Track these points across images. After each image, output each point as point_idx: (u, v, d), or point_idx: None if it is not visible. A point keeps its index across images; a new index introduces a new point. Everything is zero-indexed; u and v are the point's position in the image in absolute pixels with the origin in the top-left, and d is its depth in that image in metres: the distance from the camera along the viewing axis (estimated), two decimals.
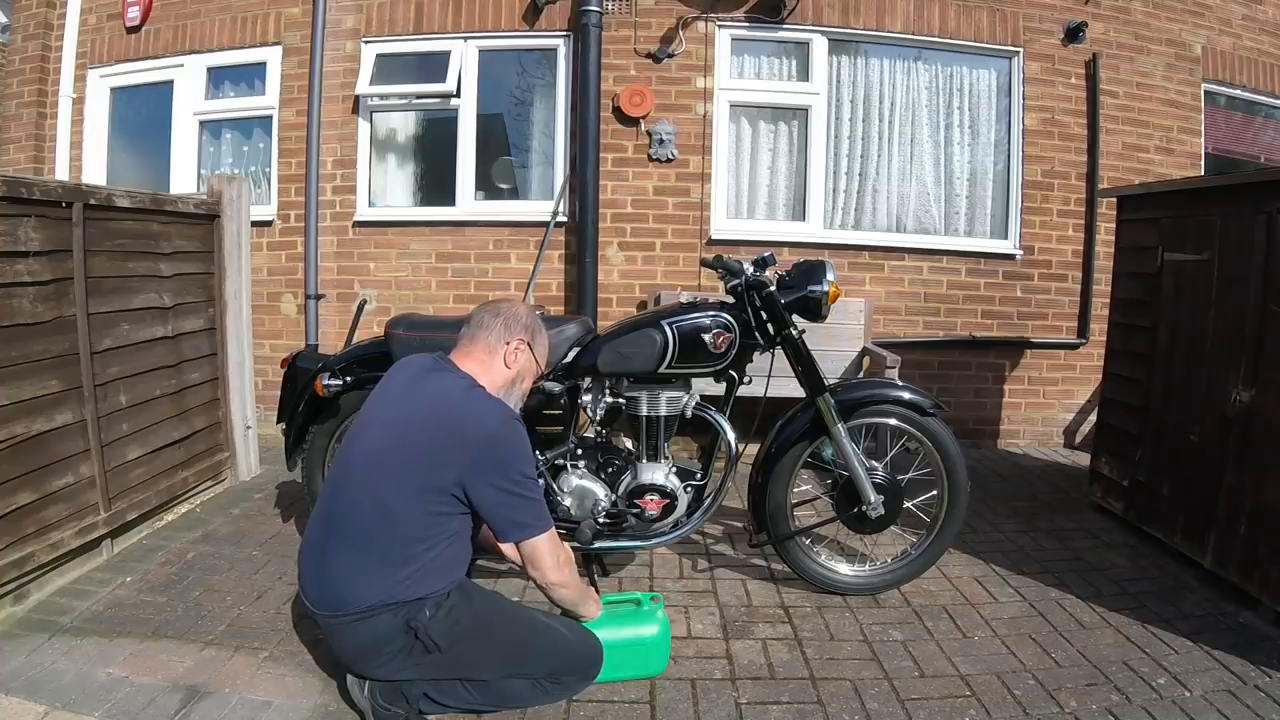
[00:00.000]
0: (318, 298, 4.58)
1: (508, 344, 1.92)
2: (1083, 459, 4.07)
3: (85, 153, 5.00)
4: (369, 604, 1.74)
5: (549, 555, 1.87)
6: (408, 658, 1.78)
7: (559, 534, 2.44)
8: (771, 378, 2.56)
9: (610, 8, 4.32)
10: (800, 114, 4.51)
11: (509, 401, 1.94)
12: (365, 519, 1.76)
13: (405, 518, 1.74)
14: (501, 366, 1.92)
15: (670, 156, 4.39)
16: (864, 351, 4.07)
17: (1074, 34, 4.48)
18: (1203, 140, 4.74)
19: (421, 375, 1.91)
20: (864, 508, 2.50)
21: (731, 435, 2.51)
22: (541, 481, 2.42)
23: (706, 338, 2.42)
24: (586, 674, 1.95)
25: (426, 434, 1.77)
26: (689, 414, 2.52)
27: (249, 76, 4.79)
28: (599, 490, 2.49)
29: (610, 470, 2.54)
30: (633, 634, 2.04)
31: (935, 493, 2.59)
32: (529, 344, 1.96)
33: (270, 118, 4.70)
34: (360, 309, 2.94)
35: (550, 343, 2.16)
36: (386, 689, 1.83)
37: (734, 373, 2.53)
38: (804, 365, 2.48)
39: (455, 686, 1.84)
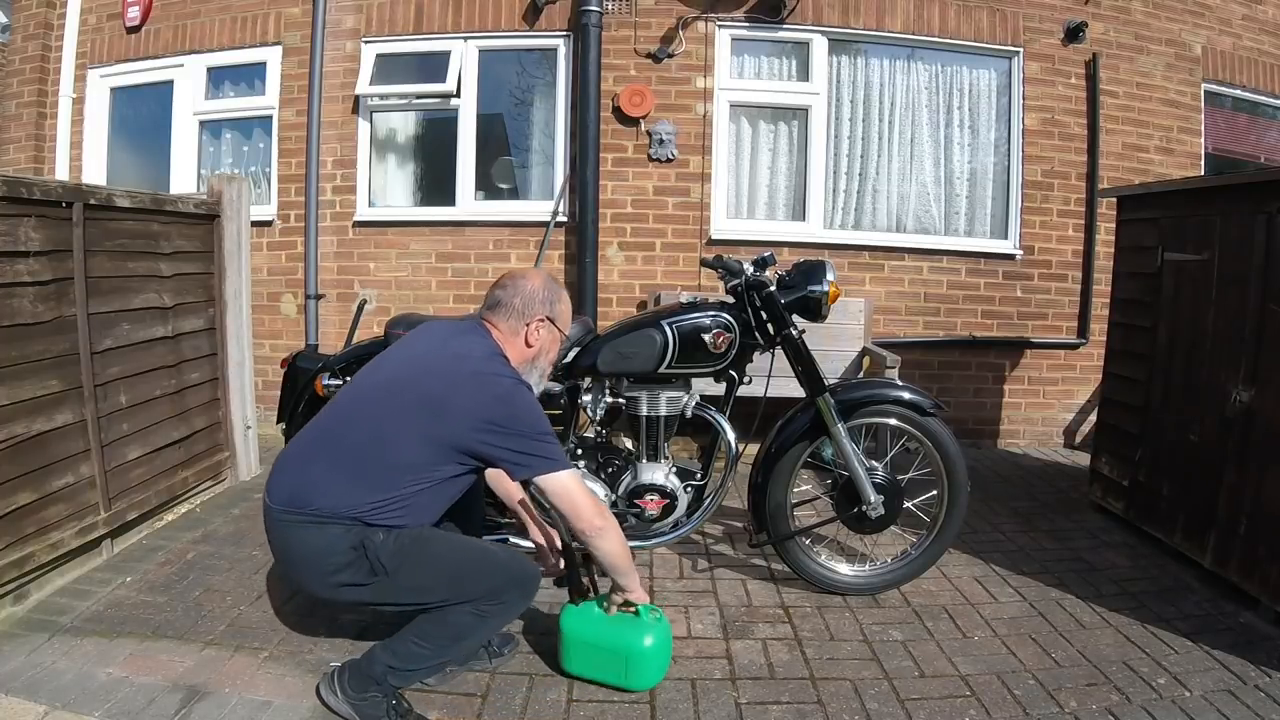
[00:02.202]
0: (318, 298, 4.58)
1: (528, 325, 1.96)
2: (1083, 459, 4.07)
3: (85, 153, 5.00)
4: (331, 511, 1.75)
5: (581, 494, 1.84)
6: (350, 574, 1.77)
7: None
8: (771, 378, 2.56)
9: (610, 8, 4.32)
10: (800, 114, 4.51)
11: (533, 373, 1.99)
12: (360, 439, 1.79)
13: (399, 450, 1.77)
14: (523, 346, 1.96)
15: (670, 156, 4.39)
16: (864, 351, 4.07)
17: (1074, 34, 4.48)
18: (1203, 140, 4.74)
19: (457, 332, 1.97)
20: (864, 508, 2.50)
21: (731, 435, 2.51)
22: None
23: (706, 338, 2.43)
24: (525, 589, 1.92)
25: (441, 383, 1.81)
26: (689, 414, 2.52)
27: (249, 76, 4.79)
28: (599, 490, 2.50)
29: (610, 470, 2.55)
30: (624, 640, 1.99)
31: (935, 493, 2.59)
32: (549, 319, 1.98)
33: (270, 118, 4.70)
34: (360, 309, 2.94)
35: None
36: (355, 679, 1.84)
37: (734, 373, 2.53)
38: (804, 365, 2.48)
39: (409, 647, 1.84)
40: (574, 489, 1.84)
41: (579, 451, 2.52)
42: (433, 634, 1.85)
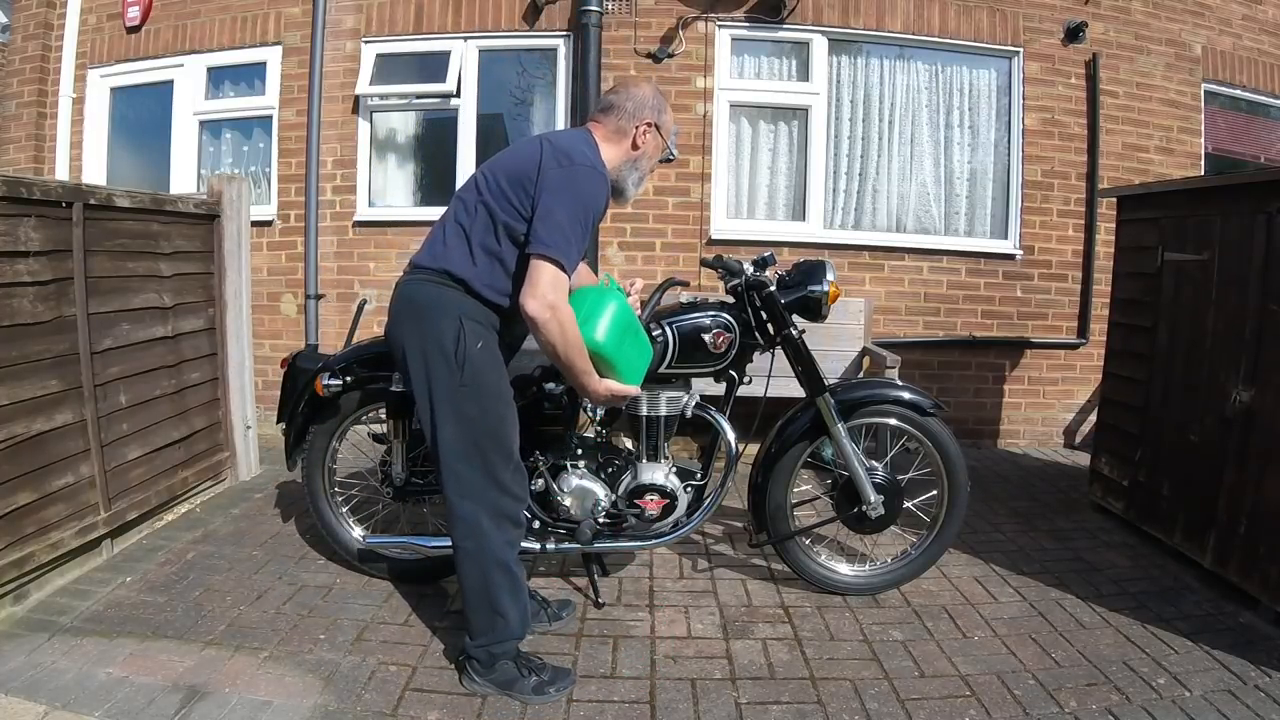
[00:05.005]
0: (318, 298, 4.58)
1: (637, 127, 2.06)
2: (1083, 459, 4.07)
3: (85, 153, 5.00)
4: (452, 268, 1.91)
5: (542, 281, 1.81)
6: (432, 358, 1.90)
7: (559, 534, 2.47)
8: (771, 378, 2.56)
9: (610, 8, 4.32)
10: (800, 114, 4.51)
11: (633, 175, 2.12)
12: (468, 199, 1.96)
13: (489, 207, 1.91)
14: (629, 148, 2.07)
15: (670, 156, 4.37)
16: (864, 351, 4.07)
17: (1074, 34, 4.48)
18: (1203, 140, 4.74)
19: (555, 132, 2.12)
20: (864, 508, 2.50)
21: (731, 435, 2.51)
22: (541, 481, 2.42)
23: (706, 338, 2.43)
24: (501, 508, 1.99)
25: (533, 149, 1.94)
26: (689, 414, 2.51)
27: (249, 76, 4.79)
28: (599, 490, 2.49)
29: (610, 470, 2.54)
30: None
31: (935, 493, 2.59)
32: (655, 125, 2.08)
33: (270, 118, 4.70)
34: (360, 309, 2.94)
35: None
36: (478, 665, 1.99)
37: (734, 373, 2.53)
38: (804, 365, 2.48)
39: (471, 620, 1.99)
40: (537, 276, 1.81)
41: (579, 451, 2.52)
42: (467, 599, 2.00)
